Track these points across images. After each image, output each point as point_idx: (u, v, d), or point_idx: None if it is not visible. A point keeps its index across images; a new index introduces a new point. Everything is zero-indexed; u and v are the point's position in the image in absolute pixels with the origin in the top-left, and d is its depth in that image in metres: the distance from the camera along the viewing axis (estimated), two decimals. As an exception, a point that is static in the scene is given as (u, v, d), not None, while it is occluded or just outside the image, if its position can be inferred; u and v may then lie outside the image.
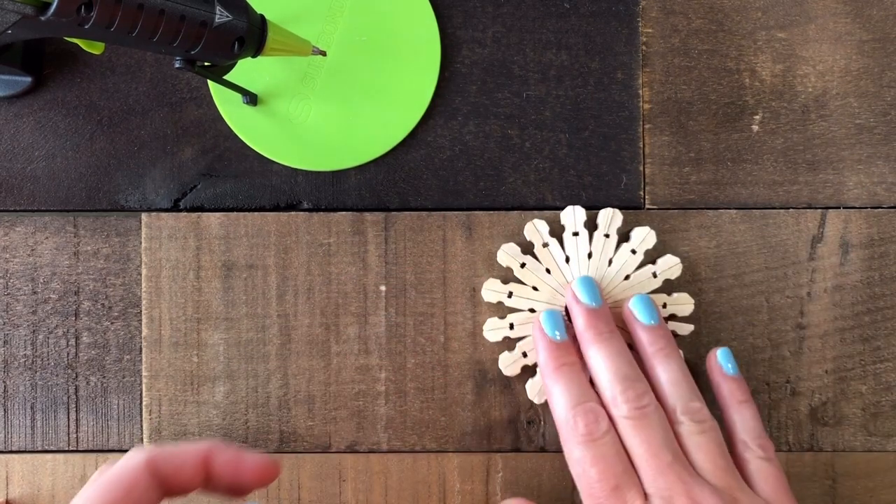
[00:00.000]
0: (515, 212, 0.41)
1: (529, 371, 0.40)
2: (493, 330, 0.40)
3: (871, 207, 0.41)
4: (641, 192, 0.41)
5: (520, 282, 0.40)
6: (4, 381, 0.41)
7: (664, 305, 0.40)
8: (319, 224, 0.41)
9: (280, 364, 0.41)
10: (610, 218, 0.40)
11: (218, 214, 0.41)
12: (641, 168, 0.41)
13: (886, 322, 0.41)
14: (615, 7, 0.42)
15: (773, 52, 0.42)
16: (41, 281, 0.41)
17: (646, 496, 0.33)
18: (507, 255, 0.40)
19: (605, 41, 0.42)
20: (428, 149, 0.42)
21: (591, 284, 0.38)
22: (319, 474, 0.41)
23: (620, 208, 0.41)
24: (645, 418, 0.35)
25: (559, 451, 0.41)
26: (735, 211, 0.41)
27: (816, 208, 0.41)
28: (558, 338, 0.37)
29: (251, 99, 0.40)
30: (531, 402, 0.41)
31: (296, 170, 0.41)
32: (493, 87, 0.42)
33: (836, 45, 0.42)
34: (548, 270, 0.40)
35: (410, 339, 0.41)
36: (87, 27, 0.31)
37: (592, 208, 0.41)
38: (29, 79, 0.41)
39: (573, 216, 0.40)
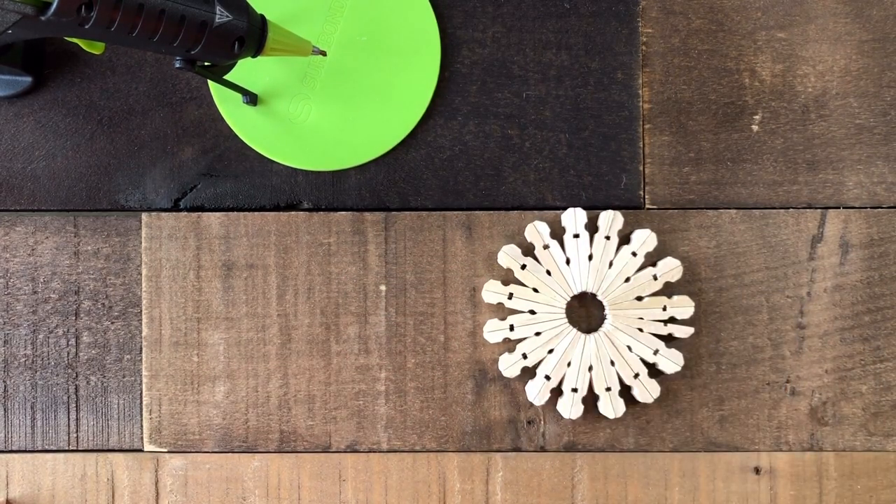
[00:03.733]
0: (515, 212, 0.41)
1: (529, 372, 0.40)
2: (494, 331, 0.40)
3: (871, 207, 0.41)
4: (641, 192, 0.41)
5: (520, 283, 0.40)
6: (4, 381, 0.41)
7: (664, 308, 0.40)
8: (319, 224, 0.41)
9: (280, 364, 0.41)
10: (611, 220, 0.40)
11: (218, 214, 0.41)
12: (641, 168, 0.41)
13: (886, 322, 0.41)
14: (615, 7, 0.42)
15: (773, 52, 0.42)
16: (41, 281, 0.41)
17: None
18: (508, 256, 0.40)
19: (605, 41, 0.42)
20: (428, 149, 0.42)
21: None
22: (319, 474, 0.41)
23: (620, 208, 0.41)
24: None
25: (559, 450, 0.41)
26: (735, 211, 0.41)
27: (816, 208, 0.41)
28: None
29: (251, 99, 0.40)
30: (531, 402, 0.41)
31: (296, 170, 0.41)
32: (493, 87, 0.42)
33: (836, 45, 0.42)
34: (548, 272, 0.40)
35: (410, 338, 0.41)
36: (87, 27, 0.31)
37: (592, 208, 0.41)
38: (29, 79, 0.41)
39: (574, 218, 0.40)
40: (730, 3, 0.42)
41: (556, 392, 0.40)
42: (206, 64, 0.36)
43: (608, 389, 0.40)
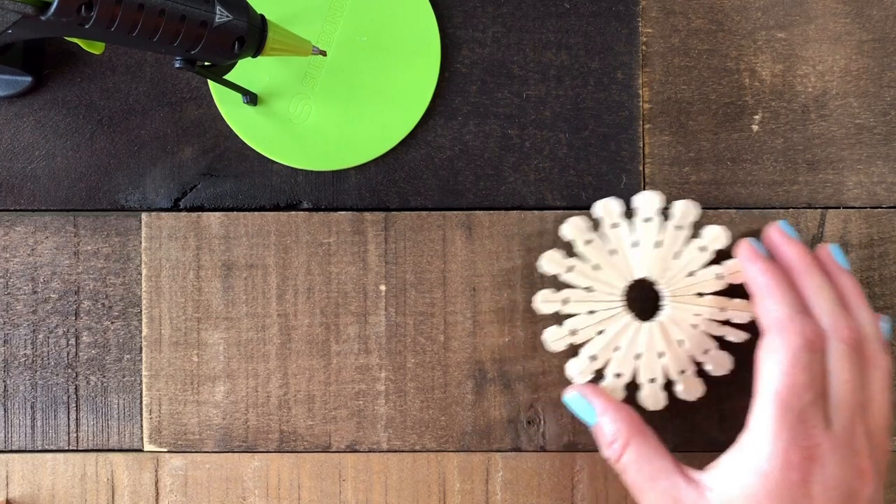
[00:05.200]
0: (515, 211, 0.41)
1: (573, 350, 0.39)
2: (546, 302, 0.39)
3: (871, 207, 0.41)
4: (641, 192, 0.41)
5: (582, 258, 0.39)
6: (4, 381, 0.41)
7: (723, 309, 0.39)
8: (319, 224, 0.41)
9: (280, 364, 0.41)
10: (686, 211, 0.39)
11: (218, 214, 0.41)
12: (641, 168, 0.41)
13: (886, 322, 0.41)
14: (615, 7, 0.42)
15: (773, 52, 0.42)
16: (41, 280, 0.41)
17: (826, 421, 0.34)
18: (575, 228, 0.39)
19: (605, 41, 0.42)
20: (428, 149, 0.42)
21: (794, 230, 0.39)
22: (319, 474, 0.41)
23: (620, 208, 0.41)
24: (857, 354, 0.35)
25: (559, 450, 0.41)
26: (735, 211, 0.41)
27: (816, 208, 0.41)
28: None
29: (251, 99, 0.40)
30: (531, 402, 0.41)
31: (296, 170, 0.41)
32: (493, 87, 0.42)
33: (836, 45, 0.42)
34: (613, 251, 0.39)
35: (410, 338, 0.41)
36: (87, 27, 0.31)
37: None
38: (29, 79, 0.41)
39: (648, 202, 0.39)
40: (730, 3, 0.42)
41: (598, 375, 0.39)
42: (206, 64, 0.36)
43: (652, 381, 0.39)
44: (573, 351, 0.40)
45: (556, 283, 0.40)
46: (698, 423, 0.41)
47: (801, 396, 0.33)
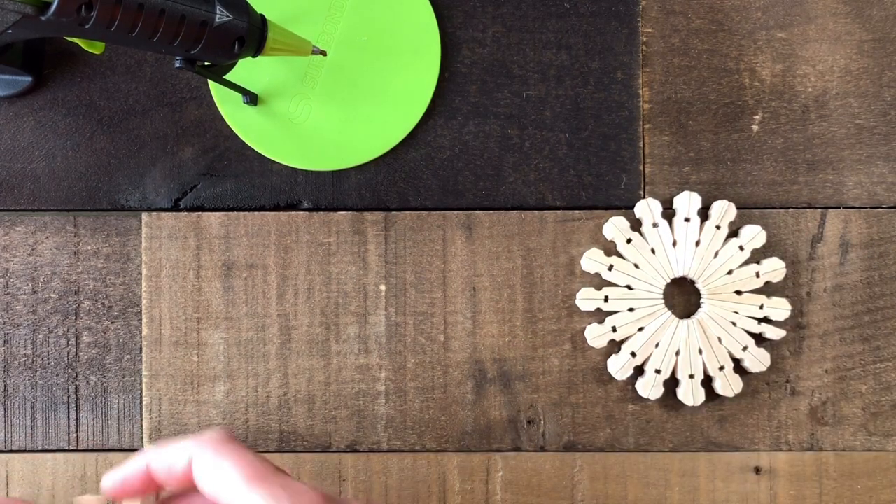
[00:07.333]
0: (515, 211, 0.41)
1: (614, 347, 0.40)
2: (587, 300, 0.40)
3: (871, 207, 0.41)
4: (641, 192, 0.41)
5: (622, 257, 0.40)
6: (4, 381, 0.41)
7: (761, 307, 0.40)
8: (319, 224, 0.41)
9: (280, 364, 0.41)
10: (724, 210, 0.40)
11: (218, 214, 0.41)
12: (641, 168, 0.41)
13: (886, 322, 0.41)
14: (615, 7, 0.42)
15: (773, 52, 0.42)
16: (41, 280, 0.41)
17: None
18: (616, 228, 0.40)
19: (605, 41, 0.42)
20: (428, 149, 0.42)
21: None
22: (319, 474, 0.41)
23: (620, 208, 0.41)
24: None
25: (559, 450, 0.41)
26: (735, 211, 0.41)
27: (816, 208, 0.41)
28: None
29: (251, 99, 0.40)
30: (531, 402, 0.41)
31: (296, 169, 0.41)
32: (493, 87, 0.42)
33: (836, 45, 0.42)
34: (653, 251, 0.40)
35: (410, 338, 0.41)
36: (87, 27, 0.31)
37: (592, 208, 0.41)
38: (29, 79, 0.41)
39: (688, 201, 0.40)
40: (730, 3, 0.42)
41: (638, 371, 0.40)
42: (206, 64, 0.36)
43: (691, 377, 0.40)
44: (613, 348, 0.40)
45: (594, 282, 0.40)
46: (698, 423, 0.41)
47: None
